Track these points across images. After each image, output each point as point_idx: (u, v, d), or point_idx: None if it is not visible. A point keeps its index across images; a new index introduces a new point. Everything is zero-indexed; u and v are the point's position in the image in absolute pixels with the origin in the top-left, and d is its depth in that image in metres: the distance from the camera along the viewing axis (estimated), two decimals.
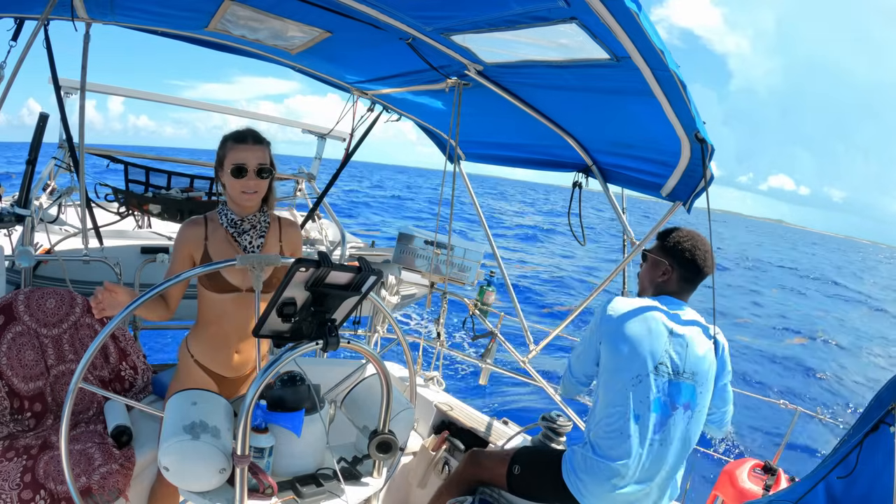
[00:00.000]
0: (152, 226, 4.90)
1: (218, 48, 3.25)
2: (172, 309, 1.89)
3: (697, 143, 1.95)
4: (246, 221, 1.90)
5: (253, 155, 1.82)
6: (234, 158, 1.81)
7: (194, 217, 1.92)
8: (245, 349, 1.99)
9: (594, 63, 1.81)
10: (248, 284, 1.88)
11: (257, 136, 1.88)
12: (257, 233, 1.92)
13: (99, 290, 1.57)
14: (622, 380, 1.83)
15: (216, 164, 1.89)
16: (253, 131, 1.89)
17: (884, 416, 1.43)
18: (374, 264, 1.32)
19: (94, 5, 2.55)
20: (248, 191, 1.83)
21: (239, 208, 1.89)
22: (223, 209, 1.91)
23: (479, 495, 2.12)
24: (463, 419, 2.86)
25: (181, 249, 1.87)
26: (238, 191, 1.83)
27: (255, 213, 1.92)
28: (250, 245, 1.91)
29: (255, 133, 1.88)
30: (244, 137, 1.85)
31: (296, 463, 1.45)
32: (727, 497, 2.54)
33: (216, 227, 1.90)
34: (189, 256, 1.87)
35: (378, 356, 1.46)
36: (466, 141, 3.53)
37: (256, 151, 1.83)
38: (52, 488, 1.87)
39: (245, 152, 1.81)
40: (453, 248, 3.53)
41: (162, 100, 4.93)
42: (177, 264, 1.87)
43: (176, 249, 1.88)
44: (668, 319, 1.88)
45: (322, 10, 2.23)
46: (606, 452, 1.82)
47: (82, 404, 2.35)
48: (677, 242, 1.97)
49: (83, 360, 1.32)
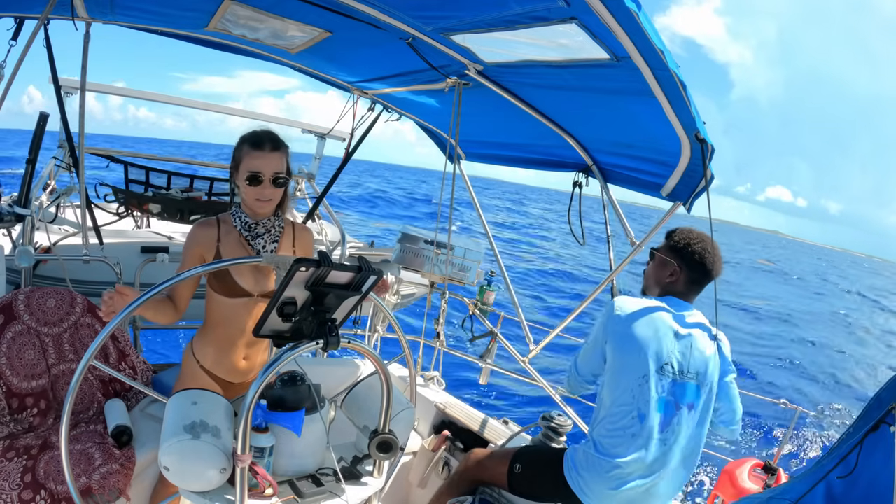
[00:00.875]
0: (151, 225, 4.89)
1: (218, 47, 3.25)
2: (181, 311, 1.84)
3: (697, 143, 1.95)
4: (260, 225, 1.87)
5: (270, 163, 1.76)
6: (249, 165, 1.76)
7: (207, 218, 1.89)
8: (252, 355, 1.97)
9: (594, 63, 1.81)
10: (260, 289, 1.86)
11: (275, 142, 1.81)
12: (271, 237, 1.89)
13: (108, 292, 1.53)
14: (628, 379, 1.83)
15: (232, 165, 1.85)
16: (271, 135, 1.82)
17: (884, 415, 1.43)
18: (374, 264, 1.32)
19: (94, 5, 2.55)
20: (263, 199, 1.79)
21: (253, 213, 1.86)
22: (237, 211, 1.88)
23: (480, 495, 2.12)
24: (463, 419, 2.86)
25: (192, 250, 1.83)
26: (252, 198, 1.79)
27: (270, 216, 1.89)
28: (264, 249, 1.88)
29: (272, 137, 1.81)
30: (261, 143, 1.77)
31: (296, 463, 1.45)
32: (727, 497, 2.55)
33: (229, 229, 1.87)
34: (200, 257, 1.83)
35: (378, 356, 1.46)
36: (466, 140, 3.53)
37: (273, 159, 1.77)
38: (53, 488, 1.87)
39: (261, 160, 1.76)
40: (453, 248, 3.53)
41: (163, 100, 4.92)
42: (187, 265, 1.82)
43: (187, 249, 1.84)
44: (674, 321, 1.89)
45: (322, 10, 2.23)
46: (609, 450, 1.82)
47: (82, 404, 2.34)
48: (688, 244, 1.96)
49: (83, 360, 1.32)
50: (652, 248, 2.09)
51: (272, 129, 1.87)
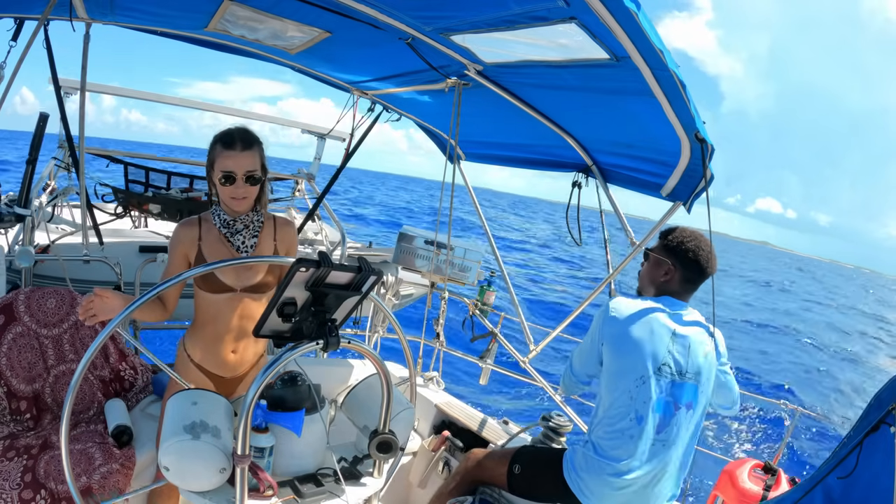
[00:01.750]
0: (149, 225, 4.89)
1: (217, 48, 3.25)
2: (170, 310, 1.88)
3: (697, 142, 1.95)
4: (238, 221, 1.89)
5: (241, 162, 1.77)
6: (222, 165, 1.78)
7: (189, 217, 1.92)
8: (241, 349, 1.99)
9: (594, 63, 1.81)
10: (242, 284, 1.88)
11: (246, 140, 1.80)
12: (250, 232, 1.91)
13: (88, 296, 1.57)
14: (625, 381, 1.83)
15: (207, 164, 1.86)
16: (242, 133, 1.81)
17: (884, 416, 1.43)
18: (374, 264, 1.32)
19: (94, 5, 2.55)
20: (238, 197, 1.81)
21: (230, 210, 1.89)
22: (216, 209, 1.91)
23: (480, 495, 2.12)
24: (463, 419, 2.86)
25: (177, 249, 1.87)
26: (228, 196, 1.82)
27: (248, 213, 1.91)
28: (243, 245, 1.90)
29: (244, 135, 1.81)
30: (233, 142, 1.78)
31: (296, 463, 1.45)
32: (727, 497, 2.54)
33: (210, 227, 1.89)
34: (185, 256, 1.87)
35: (378, 356, 1.46)
36: (466, 141, 3.53)
37: (245, 158, 1.78)
38: (53, 488, 1.87)
39: (232, 159, 1.77)
40: (453, 249, 3.53)
41: (164, 100, 4.92)
42: (173, 265, 1.87)
43: (172, 249, 1.88)
44: (671, 320, 1.88)
45: (321, 10, 2.23)
46: (608, 452, 1.82)
47: (82, 404, 2.35)
48: (681, 242, 1.95)
49: (83, 360, 1.32)
50: (646, 249, 2.08)
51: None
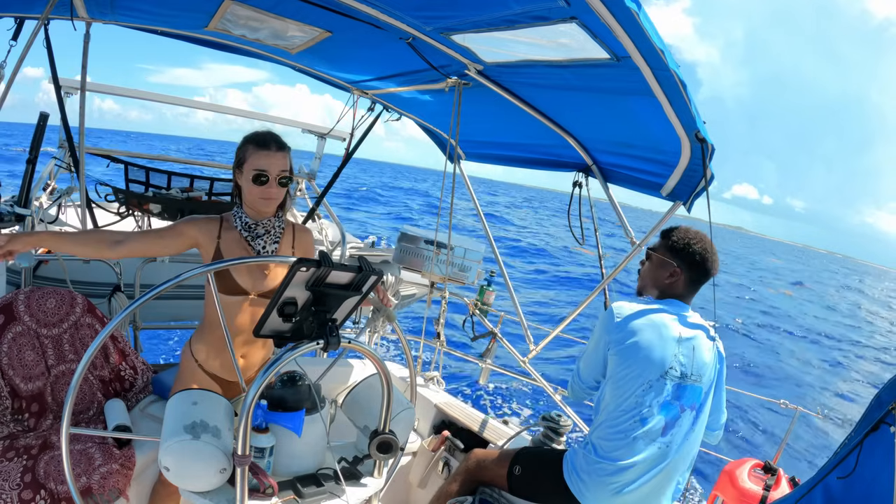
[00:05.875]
0: (151, 226, 4.89)
1: (218, 47, 3.25)
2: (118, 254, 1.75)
3: (698, 142, 1.95)
4: (261, 226, 1.88)
5: (276, 162, 1.79)
6: (255, 164, 1.77)
7: (211, 215, 1.90)
8: (250, 353, 1.98)
9: (594, 63, 1.81)
10: (258, 289, 1.87)
11: (280, 142, 1.83)
12: (272, 238, 1.90)
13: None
14: (632, 385, 1.81)
15: (234, 165, 1.86)
16: (275, 136, 1.84)
17: (884, 416, 1.42)
18: (374, 264, 1.32)
19: (94, 5, 2.55)
20: (268, 198, 1.81)
21: (255, 213, 1.87)
22: (238, 212, 1.89)
23: (480, 495, 2.12)
24: (463, 419, 2.86)
25: (187, 229, 1.82)
26: (258, 197, 1.80)
27: (271, 217, 1.89)
28: (264, 250, 1.89)
29: (277, 138, 1.84)
30: (267, 143, 1.80)
31: (296, 463, 1.45)
32: (727, 497, 2.54)
33: (229, 227, 1.88)
34: (191, 239, 1.82)
35: (378, 356, 1.46)
36: (466, 140, 3.53)
37: (279, 158, 1.80)
38: (53, 488, 1.87)
39: (267, 159, 1.78)
40: (453, 248, 3.53)
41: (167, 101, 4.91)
42: (167, 232, 1.79)
43: (180, 223, 1.83)
44: (677, 324, 1.87)
45: (322, 10, 2.23)
46: (609, 454, 1.81)
47: (82, 404, 2.34)
48: (688, 244, 1.92)
49: (84, 360, 1.31)
50: (648, 249, 2.04)
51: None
